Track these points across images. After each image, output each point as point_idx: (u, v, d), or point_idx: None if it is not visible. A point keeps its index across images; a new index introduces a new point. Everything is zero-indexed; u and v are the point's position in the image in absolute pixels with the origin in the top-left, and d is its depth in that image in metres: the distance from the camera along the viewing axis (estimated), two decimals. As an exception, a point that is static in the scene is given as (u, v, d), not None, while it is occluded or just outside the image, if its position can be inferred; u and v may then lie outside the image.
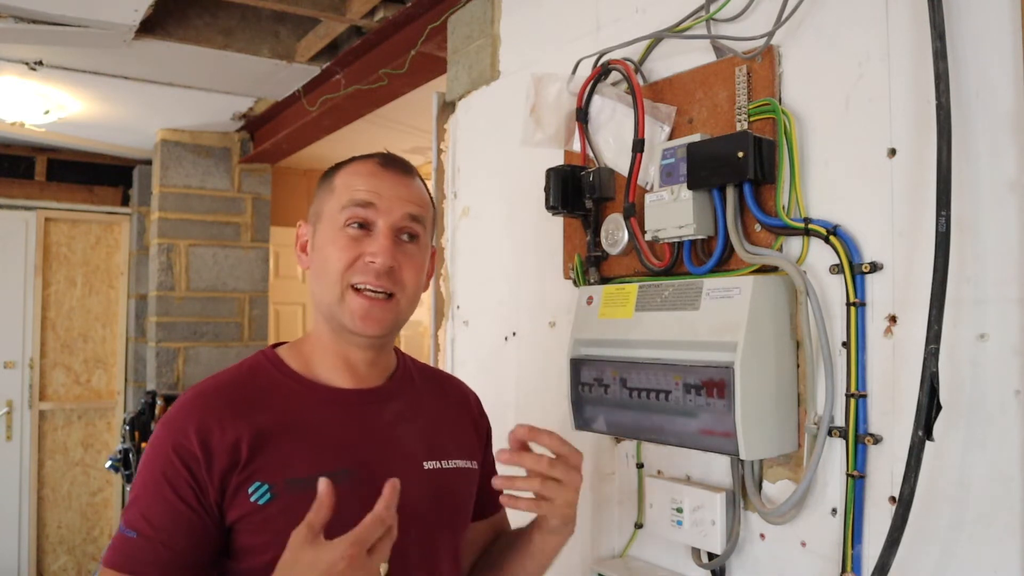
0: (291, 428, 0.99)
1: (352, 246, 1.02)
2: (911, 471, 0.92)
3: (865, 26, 1.06)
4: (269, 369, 1.05)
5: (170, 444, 0.94)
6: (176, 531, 0.92)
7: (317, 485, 0.91)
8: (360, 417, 1.05)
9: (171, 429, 0.96)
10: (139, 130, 3.84)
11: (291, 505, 0.94)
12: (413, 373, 1.16)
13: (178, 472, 0.93)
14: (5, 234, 4.22)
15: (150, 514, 0.93)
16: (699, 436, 1.13)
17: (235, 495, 0.94)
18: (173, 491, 0.93)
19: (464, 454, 1.14)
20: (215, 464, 0.94)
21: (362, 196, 1.03)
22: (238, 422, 0.96)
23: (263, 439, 0.96)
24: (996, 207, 0.92)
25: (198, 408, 0.98)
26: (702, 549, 1.25)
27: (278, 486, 0.95)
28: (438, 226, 2.02)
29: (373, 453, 1.03)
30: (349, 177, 1.06)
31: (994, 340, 0.92)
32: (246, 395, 1.01)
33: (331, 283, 1.02)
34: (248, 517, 0.94)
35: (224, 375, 1.05)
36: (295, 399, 1.02)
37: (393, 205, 1.03)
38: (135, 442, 3.51)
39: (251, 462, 0.95)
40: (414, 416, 1.10)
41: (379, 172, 1.05)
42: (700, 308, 1.15)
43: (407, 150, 3.97)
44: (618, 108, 1.37)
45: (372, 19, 2.39)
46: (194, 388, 1.02)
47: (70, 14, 2.35)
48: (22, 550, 4.20)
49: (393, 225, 1.03)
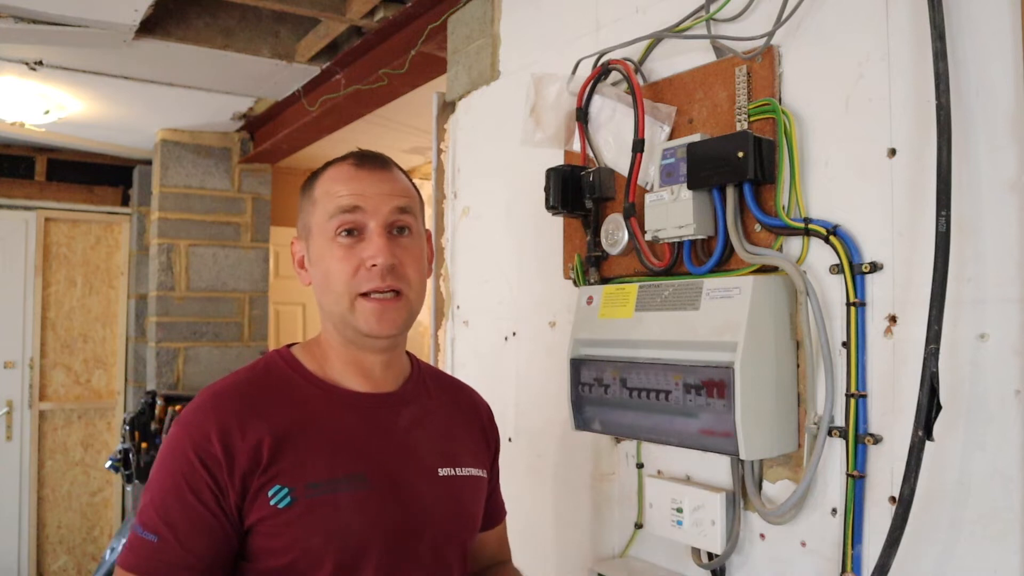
0: (309, 431, 0.99)
1: (349, 255, 1.01)
2: (911, 471, 0.92)
3: (865, 26, 1.06)
4: (285, 370, 1.05)
5: (190, 446, 0.93)
6: (195, 534, 0.92)
7: (334, 489, 0.91)
8: (376, 422, 1.05)
9: (190, 431, 0.95)
10: (139, 130, 3.84)
11: (310, 509, 0.94)
12: (427, 379, 1.16)
13: (198, 475, 0.92)
14: (5, 234, 4.22)
15: (169, 517, 0.92)
16: (699, 436, 1.13)
17: (255, 498, 0.93)
18: (193, 494, 0.92)
19: (476, 462, 1.14)
20: (236, 467, 0.93)
21: (347, 201, 1.01)
22: (258, 424, 0.95)
23: (283, 442, 0.96)
24: (996, 207, 0.92)
25: (217, 409, 0.97)
26: (702, 549, 1.25)
27: (298, 490, 0.94)
28: (439, 225, 2.02)
29: (389, 458, 1.03)
30: (328, 184, 1.04)
31: (994, 340, 0.92)
32: (265, 396, 1.00)
33: (338, 296, 1.01)
34: (267, 520, 0.93)
35: (240, 375, 1.04)
36: (313, 401, 1.02)
37: (379, 203, 1.02)
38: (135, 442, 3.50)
39: (272, 465, 0.94)
40: (428, 422, 1.10)
41: (357, 173, 1.04)
42: (700, 308, 1.15)
43: (407, 150, 3.97)
44: (618, 108, 1.37)
45: (372, 19, 2.39)
46: (210, 389, 1.01)
47: (70, 14, 2.35)
48: (22, 550, 4.20)
49: (384, 223, 1.02)
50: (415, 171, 4.58)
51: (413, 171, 4.58)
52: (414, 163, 4.37)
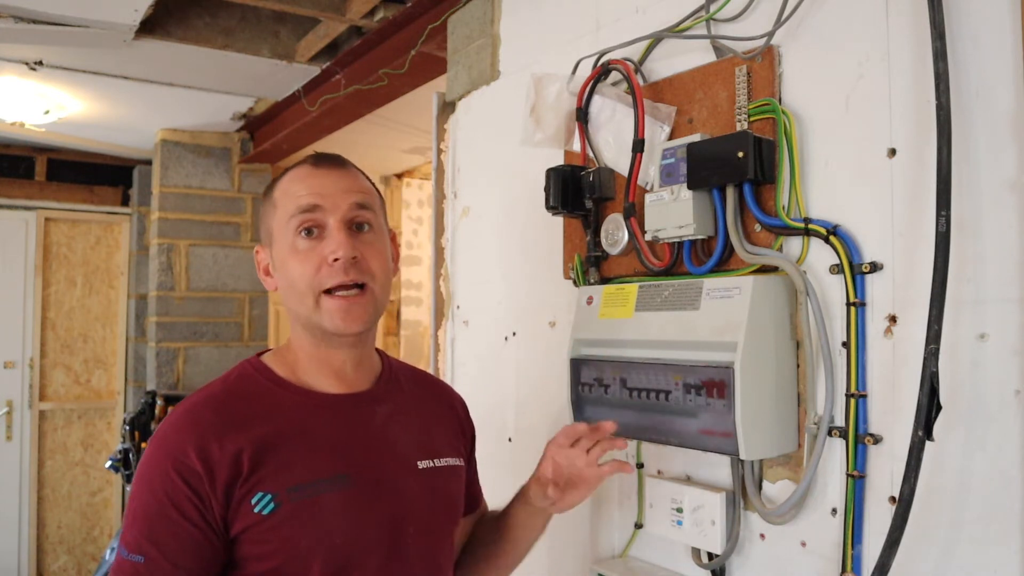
0: (288, 436, 0.99)
1: (311, 254, 1.00)
2: (911, 471, 0.92)
3: (865, 26, 1.06)
4: (258, 379, 1.05)
5: (169, 463, 0.93)
6: (183, 551, 0.91)
7: (317, 491, 0.91)
8: (353, 421, 1.05)
9: (167, 448, 0.95)
10: (139, 130, 3.84)
11: (294, 513, 0.94)
12: (399, 375, 1.16)
13: (180, 490, 0.92)
14: (5, 234, 4.22)
15: (155, 536, 0.91)
16: (699, 436, 1.13)
17: (239, 507, 0.93)
18: (177, 510, 0.92)
19: (453, 452, 1.15)
20: (218, 478, 0.93)
21: (305, 200, 1.01)
22: (236, 435, 0.95)
23: (262, 449, 0.96)
24: (996, 207, 0.92)
25: (192, 425, 0.96)
26: (702, 549, 1.25)
27: (281, 495, 0.94)
28: (439, 225, 2.02)
29: (369, 456, 1.03)
30: (287, 186, 1.05)
31: (994, 340, 0.92)
32: (239, 406, 1.00)
33: (302, 295, 1.01)
34: (253, 528, 0.94)
35: (212, 388, 1.03)
36: (288, 407, 1.02)
37: (338, 200, 1.02)
38: (135, 442, 3.51)
39: (253, 473, 0.94)
40: (404, 417, 1.11)
41: (314, 172, 1.04)
42: (700, 308, 1.15)
43: (407, 150, 3.96)
44: (618, 108, 1.37)
45: (372, 19, 2.39)
46: (184, 405, 1.01)
47: (70, 14, 2.35)
48: (22, 550, 4.20)
49: (343, 219, 1.01)
50: (415, 171, 4.58)
51: (413, 171, 4.59)
52: (414, 163, 4.36)
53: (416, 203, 4.66)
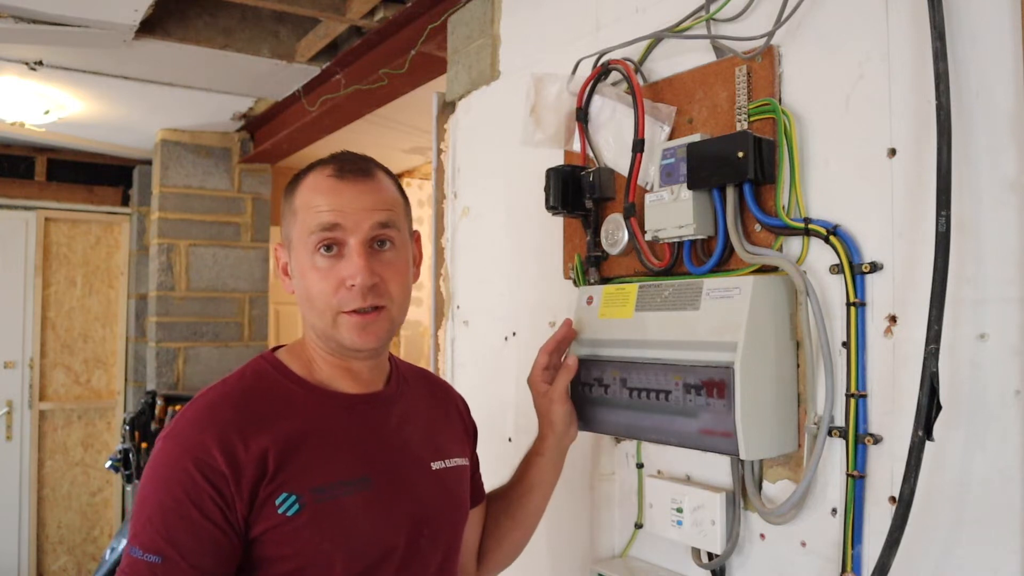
0: (310, 436, 0.98)
1: (329, 273, 0.99)
2: (911, 471, 0.92)
3: (865, 26, 1.06)
4: (275, 376, 1.03)
5: (189, 461, 0.90)
6: (203, 552, 0.89)
7: (340, 492, 0.92)
8: (371, 422, 1.05)
9: (185, 445, 0.92)
10: (139, 130, 3.84)
11: (318, 515, 0.93)
12: (406, 374, 1.17)
13: (202, 490, 0.89)
14: (5, 234, 4.22)
15: (174, 536, 0.88)
16: (699, 436, 1.13)
17: (263, 508, 0.92)
18: (198, 510, 0.89)
19: (460, 451, 1.16)
20: (244, 479, 0.91)
21: (326, 219, 0.98)
22: (259, 434, 0.94)
23: (286, 449, 0.94)
24: (996, 207, 0.92)
25: (212, 421, 0.94)
26: (702, 549, 1.25)
27: (305, 496, 0.93)
28: (439, 225, 2.02)
29: (387, 458, 1.03)
30: (308, 195, 1.01)
31: (994, 340, 0.92)
32: (260, 404, 0.98)
33: (320, 312, 1.00)
34: (276, 529, 0.92)
35: (230, 384, 1.01)
36: (308, 406, 1.01)
37: (360, 219, 0.99)
38: (135, 442, 3.51)
39: (278, 474, 0.93)
40: (415, 418, 1.11)
41: (337, 185, 1.00)
42: (700, 308, 1.15)
43: (407, 150, 3.97)
44: (618, 108, 1.37)
45: (372, 19, 2.39)
46: (200, 400, 0.98)
47: (70, 14, 2.35)
48: (22, 550, 4.20)
49: (364, 239, 0.99)
50: (415, 171, 4.59)
51: (413, 171, 4.59)
52: (414, 163, 4.37)
53: (416, 203, 4.67)
